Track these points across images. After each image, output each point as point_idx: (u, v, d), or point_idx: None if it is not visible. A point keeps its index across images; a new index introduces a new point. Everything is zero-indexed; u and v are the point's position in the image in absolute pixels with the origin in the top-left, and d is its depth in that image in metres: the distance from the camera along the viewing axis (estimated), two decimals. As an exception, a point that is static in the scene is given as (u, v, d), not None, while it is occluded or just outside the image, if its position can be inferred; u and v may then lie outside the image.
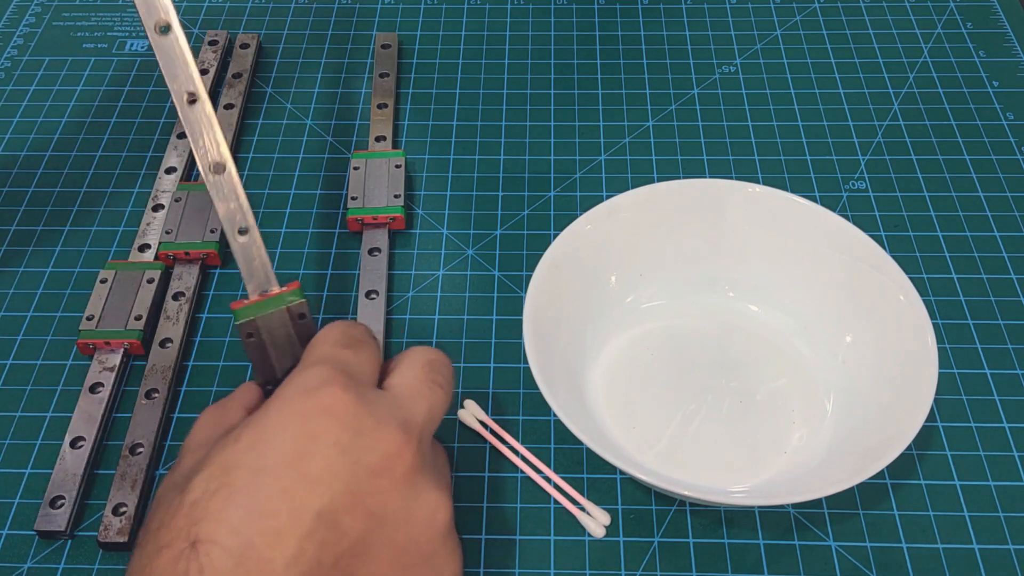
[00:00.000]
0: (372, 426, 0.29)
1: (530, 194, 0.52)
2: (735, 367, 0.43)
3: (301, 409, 0.29)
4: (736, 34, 0.61)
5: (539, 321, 0.39)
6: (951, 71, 0.58)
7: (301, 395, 0.30)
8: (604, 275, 0.44)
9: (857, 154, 0.53)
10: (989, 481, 0.40)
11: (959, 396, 0.43)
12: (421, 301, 0.47)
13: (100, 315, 0.44)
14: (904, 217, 0.50)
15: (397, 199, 0.49)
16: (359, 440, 0.29)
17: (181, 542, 0.27)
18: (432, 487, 0.30)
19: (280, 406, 0.30)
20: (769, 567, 0.38)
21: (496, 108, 0.56)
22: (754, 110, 0.56)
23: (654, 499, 0.40)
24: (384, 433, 0.29)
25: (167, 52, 0.36)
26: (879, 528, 0.39)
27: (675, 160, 0.53)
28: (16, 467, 0.41)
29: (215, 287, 0.48)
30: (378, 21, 0.62)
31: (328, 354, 0.32)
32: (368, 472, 0.29)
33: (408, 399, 0.32)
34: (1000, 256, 0.48)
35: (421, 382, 0.33)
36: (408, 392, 0.32)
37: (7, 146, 0.54)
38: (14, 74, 0.59)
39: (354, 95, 0.57)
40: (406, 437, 0.30)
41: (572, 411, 0.37)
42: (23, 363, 0.45)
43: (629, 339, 0.44)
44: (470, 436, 0.42)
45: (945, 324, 0.46)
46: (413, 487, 0.30)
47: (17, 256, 0.49)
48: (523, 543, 0.39)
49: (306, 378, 0.30)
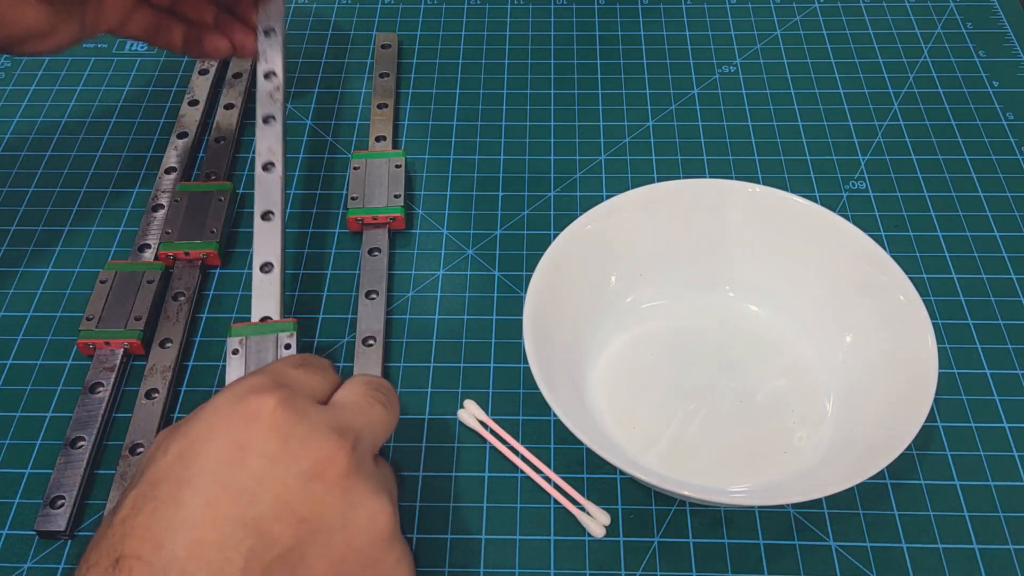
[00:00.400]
0: (303, 433, 0.29)
1: (530, 194, 0.52)
2: (735, 367, 0.43)
3: (228, 418, 0.29)
4: (736, 34, 0.61)
5: (539, 321, 0.39)
6: (951, 71, 0.58)
7: (229, 403, 0.29)
8: (604, 275, 0.44)
9: (857, 154, 0.53)
10: (989, 481, 0.40)
11: (959, 396, 0.43)
12: (421, 301, 0.47)
13: (100, 315, 0.44)
14: (904, 217, 0.50)
15: (397, 199, 0.49)
16: (289, 447, 0.28)
17: (107, 560, 0.27)
18: (371, 493, 0.29)
19: (208, 415, 0.29)
20: (769, 567, 0.38)
21: (496, 108, 0.56)
22: (754, 110, 0.56)
23: (654, 499, 0.40)
24: (316, 439, 0.29)
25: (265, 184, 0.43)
26: (879, 528, 0.39)
27: (675, 160, 0.53)
28: (16, 467, 0.41)
29: (215, 287, 0.48)
30: (378, 21, 0.62)
31: (272, 368, 0.32)
32: (299, 478, 0.28)
33: (345, 410, 0.31)
34: (1000, 256, 0.48)
35: (361, 397, 0.32)
36: (345, 404, 0.32)
37: (7, 146, 0.54)
38: (14, 74, 0.59)
39: (354, 95, 0.57)
40: (340, 441, 0.29)
41: (572, 411, 0.37)
42: (23, 363, 0.45)
43: (629, 339, 0.44)
44: (470, 436, 0.42)
45: (945, 324, 0.46)
46: (349, 492, 0.29)
47: (17, 256, 0.49)
48: (523, 543, 0.39)
49: (238, 386, 0.30)
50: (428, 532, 0.39)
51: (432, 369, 0.44)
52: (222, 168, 0.52)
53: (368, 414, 0.32)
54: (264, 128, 0.45)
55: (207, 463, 0.28)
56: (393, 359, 0.45)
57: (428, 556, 0.38)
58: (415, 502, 0.40)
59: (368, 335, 0.44)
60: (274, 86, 0.46)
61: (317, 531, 0.28)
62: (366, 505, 0.29)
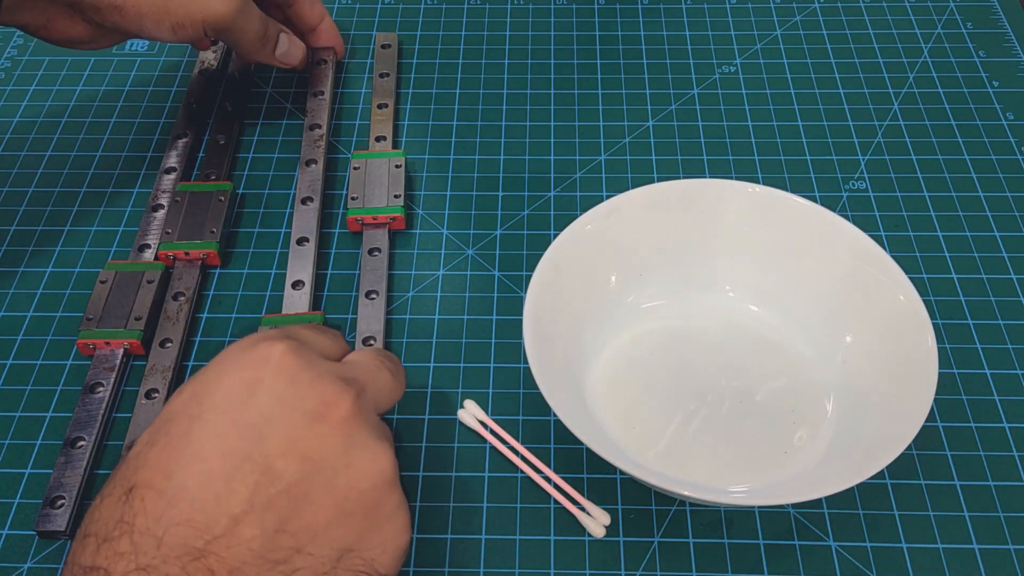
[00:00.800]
0: (310, 377, 0.30)
1: (530, 194, 0.52)
2: (735, 367, 0.43)
3: (240, 360, 0.30)
4: (736, 34, 0.61)
5: (539, 321, 0.39)
6: (951, 71, 0.58)
7: (242, 348, 0.31)
8: (604, 275, 0.44)
9: (857, 154, 0.53)
10: (989, 481, 0.40)
11: (959, 396, 0.43)
12: (421, 301, 0.47)
13: (100, 315, 0.44)
14: (904, 217, 0.50)
15: (397, 199, 0.49)
16: (295, 388, 0.30)
17: (120, 490, 0.28)
18: (373, 439, 0.31)
19: (222, 358, 0.31)
20: (769, 567, 0.38)
21: (496, 108, 0.56)
22: (754, 110, 0.56)
23: (654, 499, 0.40)
24: (322, 383, 0.30)
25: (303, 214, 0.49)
26: (879, 528, 0.39)
27: (675, 160, 0.53)
28: (16, 467, 0.41)
29: (215, 287, 0.48)
30: (378, 21, 0.62)
31: (287, 327, 0.34)
32: (304, 417, 0.29)
33: (352, 366, 0.33)
34: (1000, 256, 0.48)
35: (369, 360, 0.34)
36: (356, 363, 0.33)
37: (7, 146, 0.54)
38: (14, 74, 0.59)
39: (354, 95, 0.57)
40: (344, 386, 0.31)
41: (572, 411, 0.37)
42: (23, 363, 0.45)
43: (629, 339, 0.44)
44: (470, 436, 0.42)
45: (945, 324, 0.46)
46: (352, 435, 0.30)
47: (17, 256, 0.49)
48: (523, 543, 0.39)
49: (252, 336, 0.32)
50: (428, 532, 0.39)
51: (432, 369, 0.44)
52: (222, 168, 0.52)
53: (375, 375, 0.33)
54: (306, 169, 0.51)
55: (218, 400, 0.29)
56: (393, 359, 0.45)
57: (428, 556, 0.38)
58: (415, 502, 0.40)
59: (368, 335, 0.44)
60: (318, 135, 0.53)
61: (320, 469, 0.29)
62: (368, 448, 0.30)
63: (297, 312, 0.45)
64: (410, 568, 0.38)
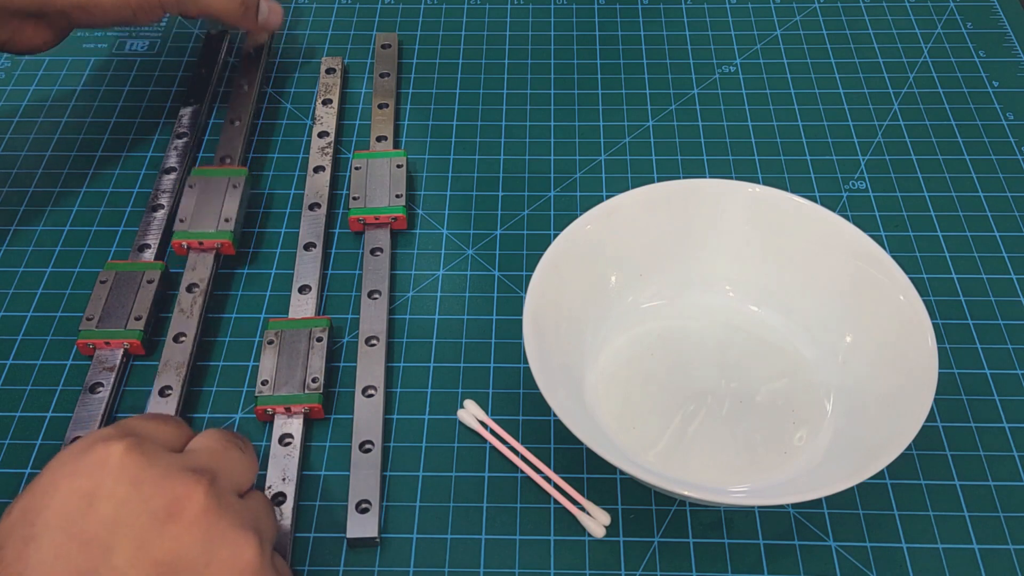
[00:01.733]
0: (155, 476, 0.28)
1: (530, 194, 0.52)
2: (735, 367, 0.43)
3: (73, 467, 0.28)
4: (736, 34, 0.61)
5: (539, 321, 0.39)
6: (951, 71, 0.58)
7: (74, 453, 0.28)
8: (604, 275, 0.44)
9: (857, 154, 0.53)
10: (989, 481, 0.40)
11: (959, 396, 0.43)
12: (421, 301, 0.47)
13: (100, 315, 0.44)
14: (904, 217, 0.50)
15: (399, 199, 0.49)
16: (139, 490, 0.28)
17: None
18: (234, 528, 0.29)
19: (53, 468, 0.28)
20: (769, 567, 0.38)
21: (496, 108, 0.56)
22: (754, 110, 0.56)
23: (654, 499, 0.40)
24: (169, 480, 0.28)
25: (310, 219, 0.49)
26: (879, 528, 0.39)
27: (675, 160, 0.53)
28: (16, 467, 0.41)
29: (215, 287, 0.48)
30: (378, 21, 0.62)
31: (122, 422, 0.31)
32: (153, 520, 0.27)
33: (199, 454, 0.31)
34: (1000, 256, 0.48)
35: (214, 442, 0.32)
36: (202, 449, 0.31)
37: (7, 146, 0.54)
38: (14, 74, 0.59)
39: (355, 95, 0.57)
40: (195, 478, 0.28)
41: (572, 411, 0.37)
42: (23, 363, 0.45)
43: (629, 339, 0.44)
44: (470, 436, 0.42)
45: (945, 324, 0.46)
46: (211, 529, 0.28)
47: (17, 256, 0.49)
48: (523, 543, 0.39)
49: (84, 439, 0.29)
50: (428, 532, 0.39)
51: (432, 369, 0.44)
52: (236, 152, 0.52)
53: (223, 456, 0.31)
54: (314, 176, 0.51)
55: (52, 516, 0.27)
56: (393, 359, 0.45)
57: (428, 556, 0.38)
58: (415, 502, 0.40)
59: (371, 335, 0.44)
60: (326, 143, 0.53)
61: (177, 573, 0.27)
62: (229, 540, 0.28)
63: (304, 317, 0.45)
64: (410, 568, 0.38)
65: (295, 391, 0.42)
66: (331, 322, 0.45)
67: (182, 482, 0.28)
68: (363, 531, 0.38)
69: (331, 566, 0.38)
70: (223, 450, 0.31)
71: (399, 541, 0.39)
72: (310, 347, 0.43)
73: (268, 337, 0.43)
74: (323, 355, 0.43)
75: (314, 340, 0.43)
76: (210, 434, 0.32)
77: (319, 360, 0.43)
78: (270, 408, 0.41)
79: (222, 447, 0.32)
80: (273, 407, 0.41)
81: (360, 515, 0.39)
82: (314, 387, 0.42)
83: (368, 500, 0.39)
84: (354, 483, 0.40)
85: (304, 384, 0.42)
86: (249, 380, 0.44)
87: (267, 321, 0.45)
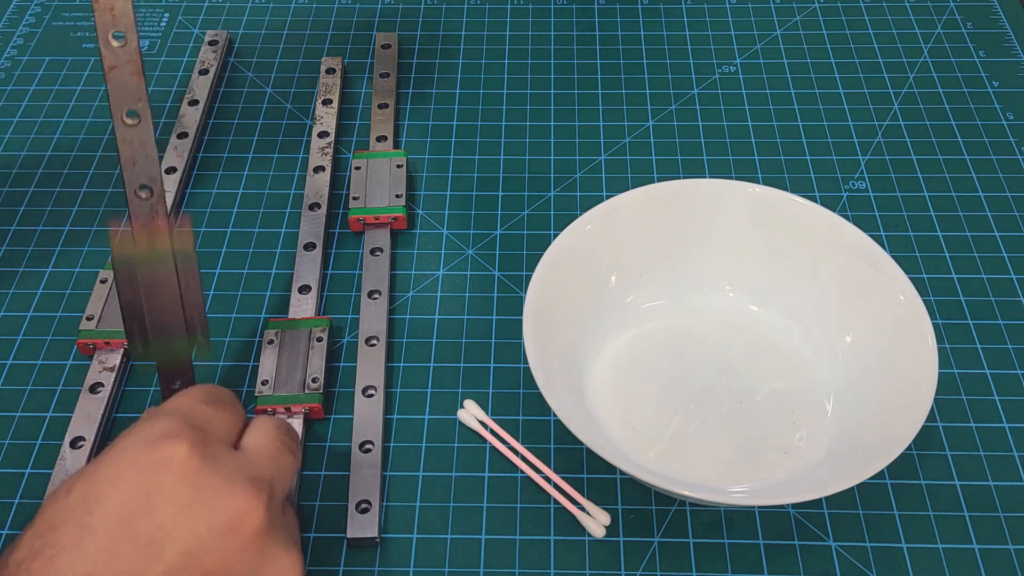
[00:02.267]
0: (218, 484, 0.28)
1: (530, 194, 0.52)
2: (735, 367, 0.43)
3: (137, 461, 0.27)
4: (736, 34, 0.61)
5: (539, 321, 0.39)
6: (951, 71, 0.58)
7: (140, 446, 0.28)
8: (604, 275, 0.44)
9: (857, 154, 0.53)
10: (989, 481, 0.40)
11: (959, 396, 0.43)
12: (421, 301, 0.47)
13: (100, 315, 0.44)
14: (904, 217, 0.50)
15: (399, 199, 0.49)
16: (202, 497, 0.27)
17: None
18: (284, 548, 0.29)
19: (117, 455, 0.28)
20: (769, 567, 0.38)
21: (496, 108, 0.56)
22: (754, 110, 0.56)
23: (654, 499, 0.40)
24: (232, 491, 0.28)
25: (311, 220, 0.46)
26: (879, 528, 0.39)
27: (675, 160, 0.53)
28: (16, 467, 0.41)
29: (214, 287, 0.48)
30: (378, 21, 0.62)
31: (183, 405, 0.30)
32: (212, 530, 0.27)
33: (260, 458, 0.30)
34: (1000, 256, 0.48)
35: (273, 443, 0.31)
36: (260, 451, 0.31)
37: (7, 146, 0.54)
38: (14, 74, 0.59)
39: (355, 95, 0.57)
40: (256, 494, 0.28)
41: (572, 411, 0.37)
42: (23, 363, 0.45)
43: (629, 339, 0.44)
44: (470, 436, 0.42)
45: (945, 324, 0.46)
46: (264, 548, 0.28)
47: (17, 256, 0.49)
48: (523, 543, 0.39)
49: (149, 428, 0.29)
50: (428, 532, 0.39)
51: (432, 369, 0.44)
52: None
53: (279, 462, 0.31)
54: (314, 176, 0.51)
55: (111, 509, 0.27)
56: (393, 359, 0.45)
57: (428, 556, 0.38)
58: (415, 502, 0.40)
59: (371, 335, 0.44)
60: (326, 143, 0.53)
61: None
62: (280, 560, 0.29)
63: (304, 317, 0.45)
64: (410, 568, 0.38)
65: (295, 391, 0.42)
66: (331, 322, 0.45)
67: (243, 495, 0.28)
68: (363, 531, 0.38)
69: (331, 566, 0.38)
70: (278, 454, 0.31)
71: (399, 541, 0.39)
72: (310, 347, 0.43)
73: (268, 337, 0.43)
74: (323, 355, 0.43)
75: (314, 340, 0.43)
76: (266, 428, 0.32)
77: (319, 360, 0.43)
78: (270, 408, 0.41)
79: (277, 449, 0.31)
80: (273, 407, 0.41)
81: (360, 515, 0.39)
82: (314, 387, 0.42)
83: (368, 500, 0.39)
84: (354, 483, 0.40)
85: (304, 384, 0.42)
86: (249, 380, 0.44)
87: (267, 321, 0.45)
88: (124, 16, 0.31)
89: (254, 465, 0.30)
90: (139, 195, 0.33)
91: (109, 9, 0.31)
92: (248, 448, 0.31)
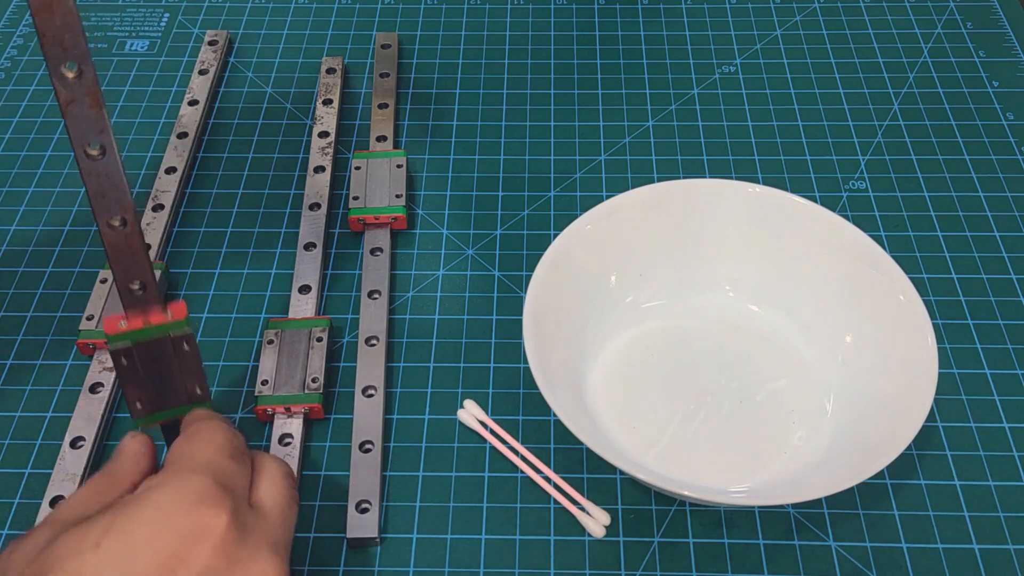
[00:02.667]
0: (247, 556, 0.29)
1: (530, 194, 0.52)
2: (735, 367, 0.43)
3: (175, 526, 0.28)
4: (736, 34, 0.61)
5: (539, 321, 0.39)
6: (951, 71, 0.58)
7: (179, 509, 0.28)
8: (604, 275, 0.44)
9: (857, 154, 0.53)
10: (989, 481, 0.40)
11: (959, 396, 0.43)
12: (421, 301, 0.47)
13: (100, 315, 0.44)
14: (904, 217, 0.50)
15: (399, 199, 0.49)
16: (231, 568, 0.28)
17: None
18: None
19: (153, 516, 0.28)
20: (769, 567, 0.38)
21: (496, 108, 0.56)
22: (754, 110, 0.56)
23: (654, 499, 0.40)
24: (256, 561, 0.29)
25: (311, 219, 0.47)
26: (879, 528, 0.39)
27: (675, 160, 0.53)
28: (16, 467, 0.41)
29: (214, 287, 0.48)
30: (378, 21, 0.62)
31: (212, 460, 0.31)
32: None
33: (277, 519, 0.31)
34: (1000, 256, 0.48)
35: (285, 499, 0.32)
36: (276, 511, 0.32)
37: (7, 146, 0.54)
38: (14, 74, 0.59)
39: (354, 95, 0.57)
40: (279, 564, 0.30)
41: (572, 411, 0.37)
42: (23, 363, 0.45)
43: (629, 339, 0.44)
44: (470, 436, 0.42)
45: (945, 324, 0.46)
46: None
47: (18, 256, 0.49)
48: (523, 543, 0.39)
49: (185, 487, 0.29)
50: (428, 532, 0.39)
51: (432, 369, 0.44)
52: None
53: (289, 519, 0.32)
54: (314, 176, 0.51)
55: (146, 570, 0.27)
56: (393, 359, 0.45)
57: (428, 556, 0.38)
58: (415, 502, 0.40)
59: (371, 335, 0.44)
60: (327, 143, 0.53)
61: None
62: None
63: (304, 317, 0.45)
64: (410, 568, 0.38)
65: (295, 391, 0.42)
66: (331, 322, 0.45)
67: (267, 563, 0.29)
68: (363, 531, 0.38)
69: (331, 566, 0.38)
70: (288, 510, 0.32)
71: (399, 541, 0.39)
72: (310, 347, 0.43)
73: (268, 337, 0.43)
74: (323, 355, 0.43)
75: (314, 340, 0.43)
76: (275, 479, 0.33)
77: (319, 360, 0.43)
78: (270, 408, 0.41)
79: (288, 506, 0.32)
80: (273, 407, 0.41)
81: (360, 515, 0.39)
82: (314, 387, 0.42)
83: (368, 500, 0.39)
84: (354, 483, 0.40)
85: (304, 384, 0.42)
86: (249, 380, 0.44)
87: (267, 321, 0.45)
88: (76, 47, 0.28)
89: (273, 530, 0.31)
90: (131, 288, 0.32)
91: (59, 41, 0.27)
92: (263, 507, 0.32)
